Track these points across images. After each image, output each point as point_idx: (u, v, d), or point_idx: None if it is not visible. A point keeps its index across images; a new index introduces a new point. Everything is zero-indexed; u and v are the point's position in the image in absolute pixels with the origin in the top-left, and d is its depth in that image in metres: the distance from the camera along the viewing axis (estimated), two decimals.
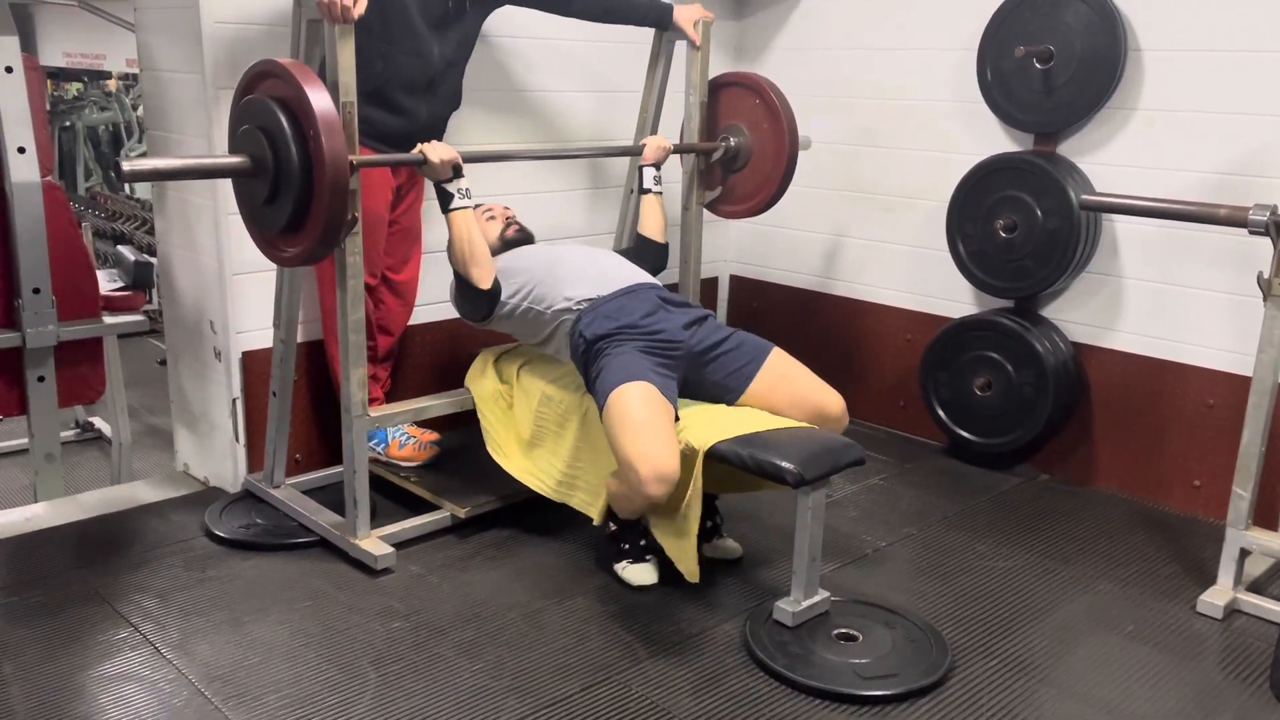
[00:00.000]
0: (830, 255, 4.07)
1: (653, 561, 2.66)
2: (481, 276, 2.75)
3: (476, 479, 3.05)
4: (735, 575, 2.75)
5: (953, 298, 3.69)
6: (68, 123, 8.36)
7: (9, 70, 2.93)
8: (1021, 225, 3.33)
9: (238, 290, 3.00)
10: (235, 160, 2.42)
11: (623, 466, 2.40)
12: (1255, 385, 2.57)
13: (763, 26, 4.14)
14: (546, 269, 2.83)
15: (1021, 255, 3.35)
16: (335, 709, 2.14)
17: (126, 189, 7.34)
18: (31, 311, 3.04)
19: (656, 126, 3.44)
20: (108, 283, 3.49)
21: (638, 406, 2.43)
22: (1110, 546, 3.01)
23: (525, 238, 3.08)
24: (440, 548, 2.86)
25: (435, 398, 3.01)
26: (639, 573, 2.66)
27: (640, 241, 3.19)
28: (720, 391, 2.71)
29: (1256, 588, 2.72)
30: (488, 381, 2.99)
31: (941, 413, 3.60)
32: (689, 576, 2.54)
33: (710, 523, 2.81)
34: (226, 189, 2.73)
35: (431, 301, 3.38)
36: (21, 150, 2.96)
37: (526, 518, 2.99)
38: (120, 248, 3.76)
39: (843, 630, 2.45)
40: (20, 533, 2.89)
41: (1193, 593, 2.69)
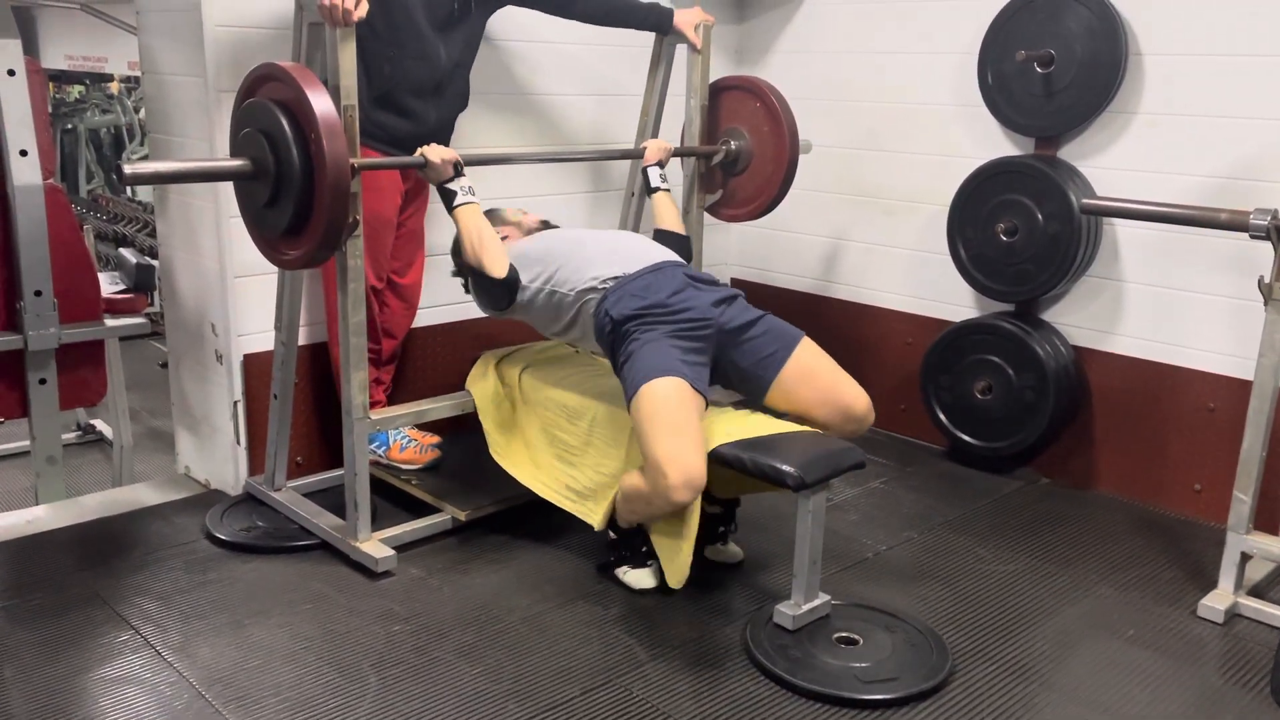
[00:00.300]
0: (831, 258, 4.07)
1: (653, 566, 2.66)
2: (495, 265, 2.69)
3: (477, 482, 3.06)
4: (736, 579, 2.75)
5: (953, 301, 3.69)
6: (69, 125, 8.37)
7: (11, 73, 2.93)
8: (1022, 229, 3.34)
9: (239, 293, 3.01)
10: (237, 163, 2.42)
11: (651, 468, 2.33)
12: (1256, 389, 2.57)
13: (763, 30, 4.14)
14: (569, 252, 2.77)
15: (1022, 259, 3.35)
16: (335, 712, 2.14)
17: (128, 192, 7.35)
18: (33, 314, 3.04)
19: (657, 130, 3.44)
20: (109, 285, 3.49)
21: (670, 405, 2.36)
22: (1111, 550, 3.01)
23: (549, 226, 3.07)
24: (441, 551, 2.86)
25: (436, 400, 3.01)
26: (639, 577, 2.66)
27: (659, 235, 3.12)
28: (747, 380, 2.65)
29: (1257, 592, 2.71)
30: (489, 384, 2.99)
31: (942, 416, 3.60)
32: (673, 581, 2.51)
33: (724, 529, 2.80)
34: (228, 192, 2.73)
35: (433, 305, 3.38)
36: (24, 153, 2.96)
37: (527, 521, 2.99)
38: (122, 250, 3.76)
39: (843, 634, 2.45)
40: (21, 535, 2.90)
41: (1193, 597, 2.69)
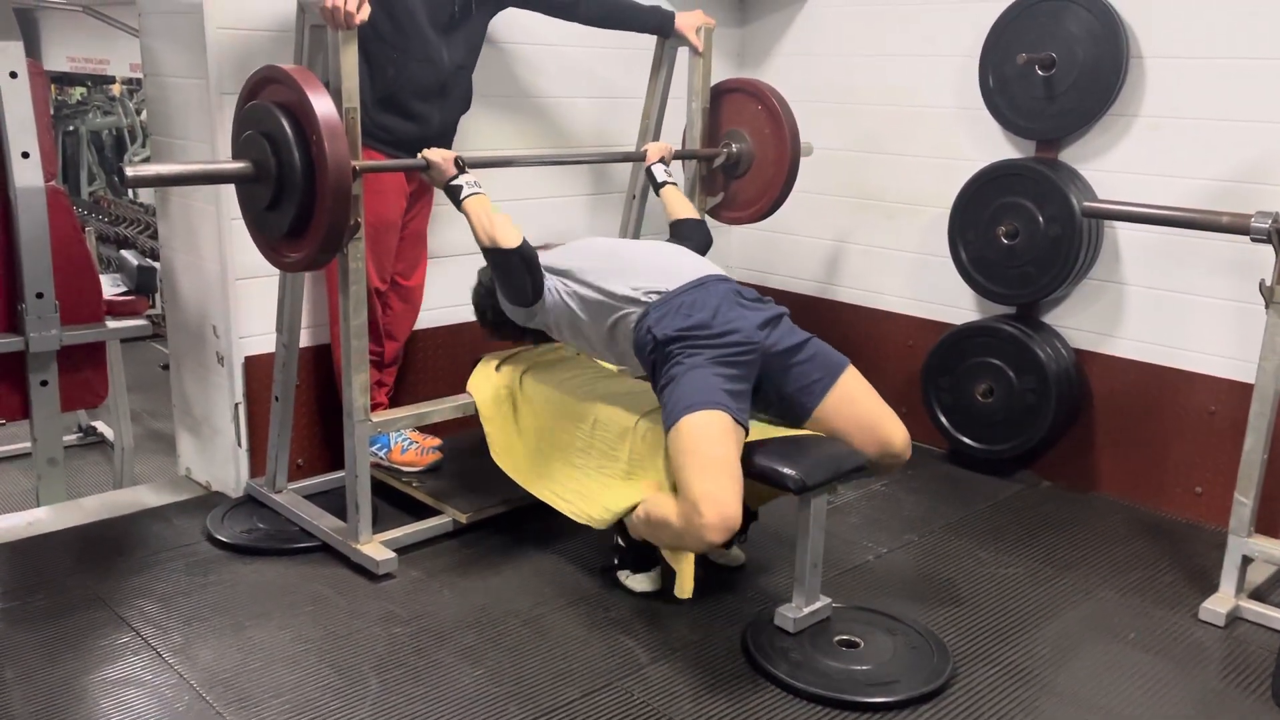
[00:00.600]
0: (832, 261, 4.08)
1: (656, 571, 2.66)
2: (506, 238, 2.61)
3: (478, 484, 3.06)
4: (737, 581, 2.75)
5: (955, 304, 3.69)
6: (71, 127, 8.37)
7: (13, 75, 2.94)
8: (1023, 232, 3.34)
9: (240, 295, 3.01)
10: (238, 165, 2.42)
11: (685, 503, 2.25)
12: (1257, 392, 2.57)
13: (765, 33, 4.14)
14: (608, 256, 2.71)
15: (1023, 262, 3.35)
16: (336, 714, 2.14)
17: (130, 194, 7.35)
18: (35, 316, 3.04)
19: (659, 133, 3.44)
20: (111, 287, 3.49)
21: (710, 440, 2.29)
22: (1112, 553, 3.01)
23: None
24: (442, 553, 2.86)
25: (437, 403, 3.01)
26: (641, 581, 2.66)
27: (677, 226, 3.08)
28: (788, 404, 2.58)
29: (1259, 595, 2.71)
30: (490, 386, 2.99)
31: (943, 419, 3.60)
32: (680, 591, 2.48)
33: (740, 536, 2.79)
34: (230, 194, 2.73)
35: (434, 306, 3.38)
36: (26, 155, 2.96)
37: (528, 523, 2.99)
38: (123, 252, 3.77)
39: (844, 637, 2.45)
40: (22, 537, 2.90)
41: (1195, 600, 2.69)
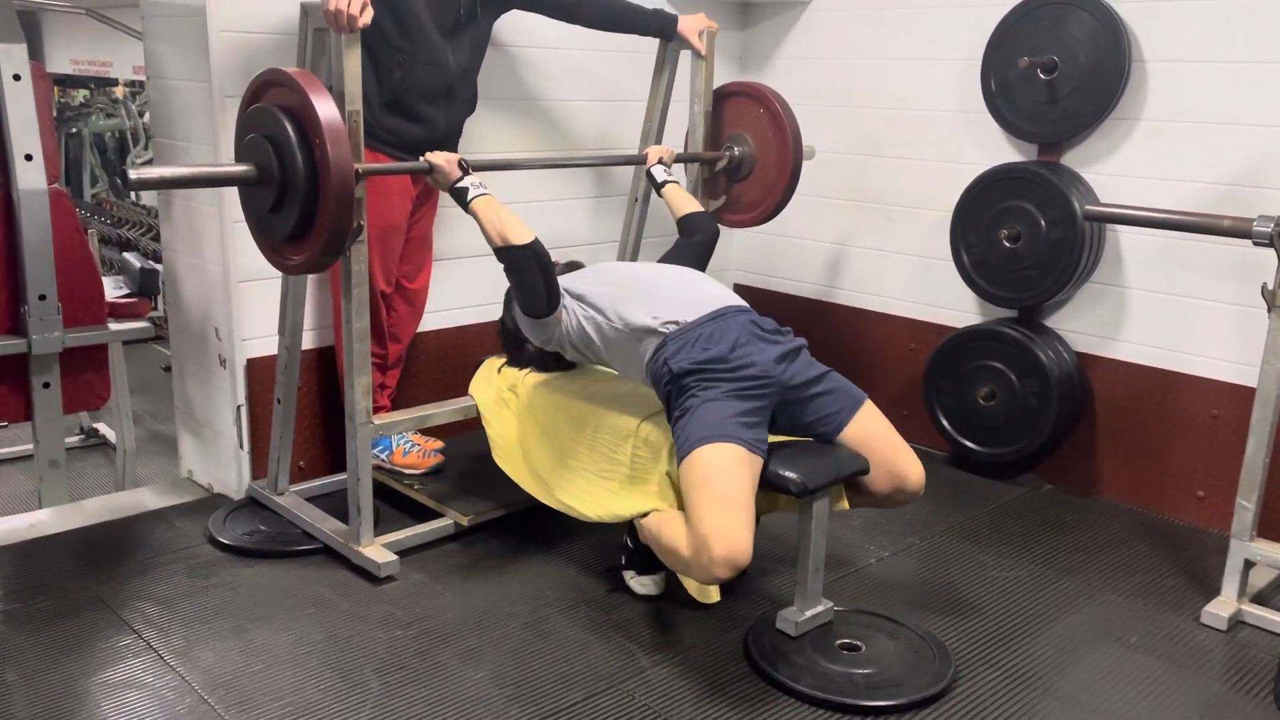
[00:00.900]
0: (834, 264, 4.08)
1: (661, 575, 2.65)
2: (518, 235, 2.58)
3: (480, 487, 3.06)
4: (738, 584, 2.74)
5: (956, 307, 3.69)
6: (74, 129, 8.38)
7: (16, 78, 2.95)
8: (1025, 235, 3.34)
9: (243, 297, 3.01)
10: (241, 168, 2.43)
11: (695, 538, 2.22)
12: (1260, 396, 2.57)
13: (767, 36, 4.15)
14: (626, 283, 2.68)
15: (1025, 265, 3.35)
16: (338, 716, 2.14)
17: (132, 196, 7.36)
18: (37, 318, 3.05)
19: (661, 136, 3.44)
20: (113, 289, 3.50)
21: (722, 474, 2.26)
22: (1114, 557, 3.01)
23: (575, 265, 3.00)
24: (443, 555, 2.86)
25: (439, 405, 3.01)
26: (645, 584, 2.66)
27: (684, 222, 3.08)
28: (807, 436, 2.54)
29: (1261, 599, 2.71)
30: (492, 389, 2.99)
31: (945, 422, 3.60)
32: (702, 597, 2.50)
33: None
34: (232, 197, 2.74)
35: (436, 309, 3.39)
36: (29, 157, 2.97)
37: (530, 526, 2.99)
38: (126, 254, 3.78)
39: (846, 640, 2.45)
40: (24, 539, 2.90)
41: (1197, 604, 2.69)
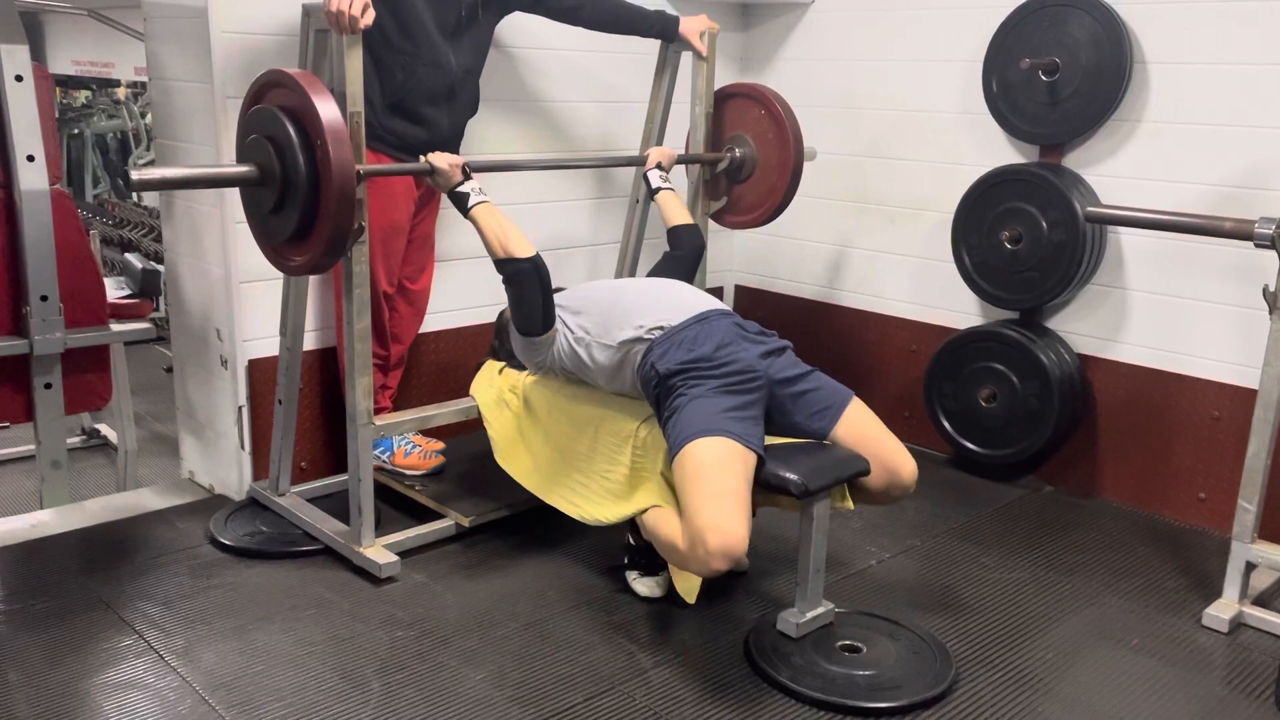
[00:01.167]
0: (835, 266, 4.08)
1: (663, 576, 2.65)
2: (520, 248, 2.61)
3: (481, 488, 3.06)
4: (739, 586, 2.75)
5: (958, 309, 3.69)
6: (76, 130, 8.40)
7: (19, 79, 2.95)
8: (1027, 237, 3.34)
9: (244, 298, 3.01)
10: (243, 169, 2.43)
11: (690, 532, 2.24)
12: (1261, 398, 2.57)
13: (768, 38, 4.15)
14: (610, 301, 2.71)
15: (1027, 267, 3.35)
16: (339, 717, 2.14)
17: (134, 197, 7.37)
18: (39, 319, 3.05)
19: (662, 137, 3.44)
20: (115, 290, 3.50)
21: (713, 468, 2.27)
22: (1115, 559, 3.01)
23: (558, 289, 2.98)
24: (444, 556, 2.86)
25: (441, 406, 3.01)
26: (648, 586, 2.66)
27: (673, 233, 3.10)
28: (799, 434, 2.55)
29: (1262, 601, 2.71)
30: (493, 390, 2.99)
31: (946, 424, 3.60)
32: (686, 597, 2.51)
33: None
34: (234, 198, 2.74)
35: (438, 310, 3.39)
36: (31, 158, 2.97)
37: (531, 527, 2.99)
38: (128, 255, 3.78)
39: (847, 642, 2.45)
40: (26, 539, 2.90)
41: (1198, 606, 2.69)
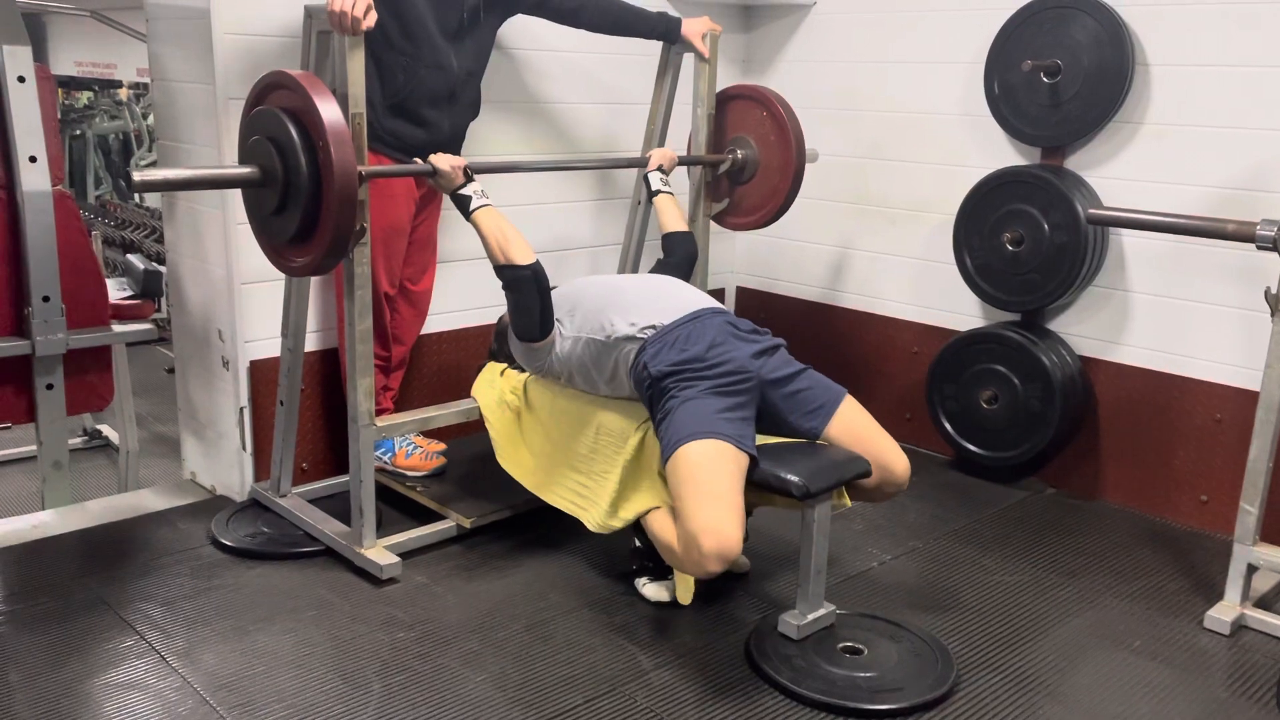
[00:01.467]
0: (837, 267, 4.08)
1: (673, 581, 2.64)
2: (521, 255, 2.62)
3: (482, 489, 3.06)
4: (740, 587, 2.75)
5: (959, 310, 3.69)
6: (78, 131, 8.40)
7: (21, 80, 2.95)
8: (1028, 239, 3.33)
9: (246, 299, 3.01)
10: (245, 171, 2.43)
11: (685, 534, 2.24)
12: (1263, 400, 2.56)
13: (770, 39, 4.15)
14: (604, 298, 2.71)
15: (1028, 269, 3.35)
16: (339, 718, 2.14)
17: (136, 198, 7.37)
18: (41, 319, 3.05)
19: (664, 139, 3.45)
20: (117, 291, 3.51)
21: (706, 470, 2.28)
22: (1117, 561, 3.00)
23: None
24: (446, 558, 2.86)
25: (442, 408, 3.01)
26: (658, 590, 2.65)
27: (668, 240, 3.12)
28: (792, 433, 2.56)
29: (1264, 604, 2.71)
30: (495, 391, 2.99)
31: (948, 426, 3.59)
32: (681, 597, 2.51)
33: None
34: (236, 199, 2.74)
35: (439, 311, 3.39)
36: (33, 159, 2.98)
37: (532, 528, 2.99)
38: (130, 256, 3.79)
39: (848, 644, 2.44)
40: (27, 540, 2.90)
41: (1200, 608, 2.68)
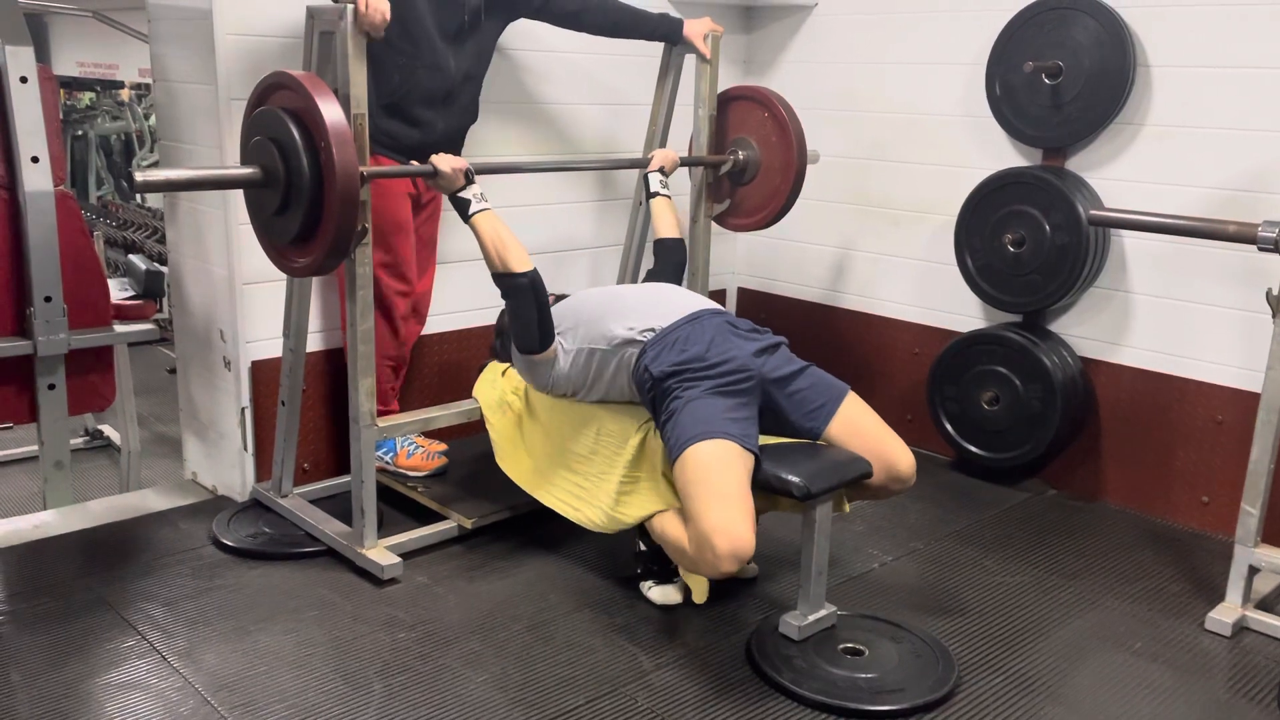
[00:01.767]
0: (838, 268, 4.08)
1: (679, 583, 2.65)
2: (518, 262, 2.62)
3: (484, 489, 3.06)
4: (742, 588, 2.75)
5: (960, 312, 3.69)
6: (80, 131, 8.42)
7: (24, 80, 2.96)
8: (1030, 240, 3.33)
9: (248, 300, 3.02)
10: (247, 171, 2.43)
11: (697, 535, 2.24)
12: (1264, 401, 2.56)
13: (772, 40, 4.15)
14: (603, 307, 2.72)
15: (1030, 270, 3.35)
16: (340, 719, 2.14)
17: (138, 198, 7.38)
18: (43, 320, 3.06)
19: (666, 140, 3.45)
20: (119, 291, 3.51)
21: (715, 470, 2.28)
22: (1118, 563, 3.00)
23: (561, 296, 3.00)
24: (447, 558, 2.87)
25: (443, 408, 3.01)
26: (665, 593, 2.65)
27: (660, 247, 3.13)
28: (794, 432, 2.56)
29: (1265, 605, 2.71)
30: (496, 392, 2.99)
31: (949, 427, 3.59)
32: (696, 597, 2.52)
33: None
34: (238, 199, 2.74)
35: (440, 311, 3.39)
36: (35, 159, 2.98)
37: (533, 529, 2.99)
38: (131, 257, 3.79)
39: (849, 645, 2.44)
40: (28, 540, 2.91)
41: (1201, 610, 2.68)
